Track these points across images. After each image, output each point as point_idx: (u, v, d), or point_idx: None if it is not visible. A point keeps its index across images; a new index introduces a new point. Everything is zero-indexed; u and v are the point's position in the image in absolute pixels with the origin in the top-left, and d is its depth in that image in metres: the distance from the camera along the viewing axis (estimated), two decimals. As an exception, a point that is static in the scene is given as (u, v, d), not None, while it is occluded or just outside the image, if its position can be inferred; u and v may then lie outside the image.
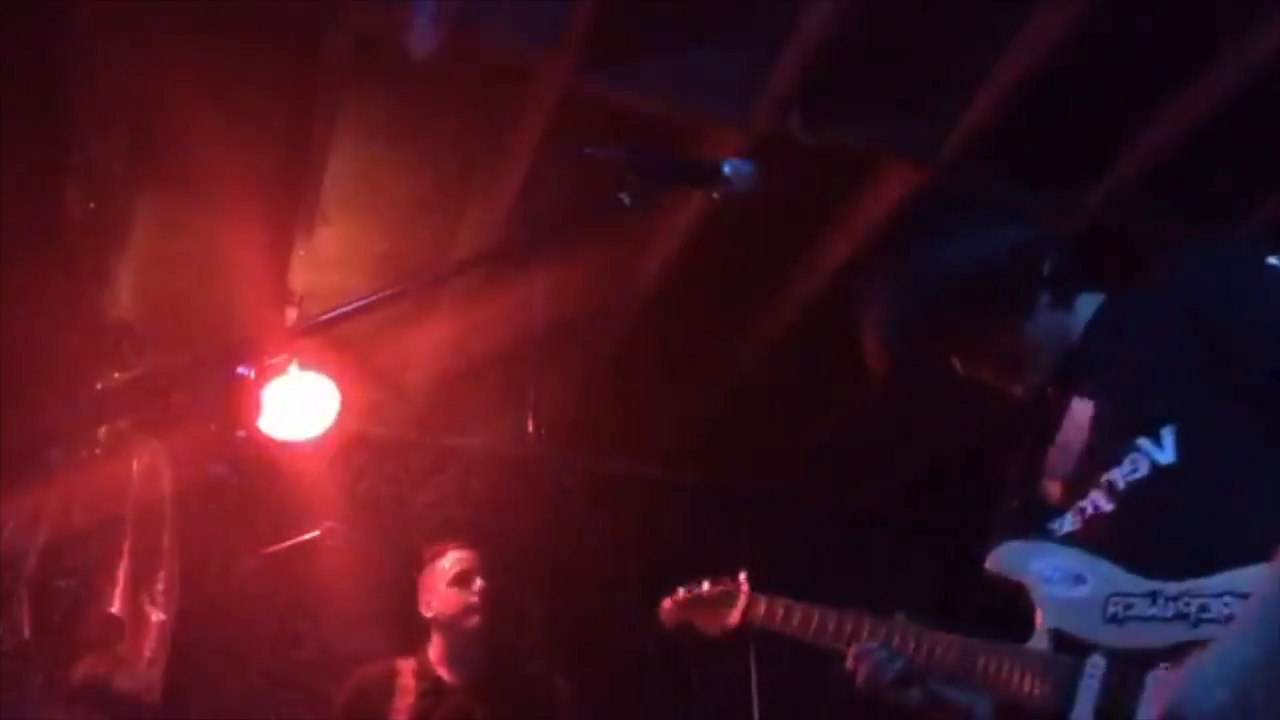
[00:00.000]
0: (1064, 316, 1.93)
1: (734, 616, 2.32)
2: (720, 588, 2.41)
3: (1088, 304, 1.94)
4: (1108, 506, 1.80)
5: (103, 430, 3.31)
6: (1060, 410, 1.91)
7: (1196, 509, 1.70)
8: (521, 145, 3.67)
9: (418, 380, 4.89)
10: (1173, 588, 1.67)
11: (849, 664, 2.01)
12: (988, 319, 1.92)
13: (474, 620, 3.47)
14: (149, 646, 3.65)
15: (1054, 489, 1.91)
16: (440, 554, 3.59)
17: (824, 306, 4.39)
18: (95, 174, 3.31)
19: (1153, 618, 1.68)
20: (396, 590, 3.84)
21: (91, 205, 3.30)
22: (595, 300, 4.45)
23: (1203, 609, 1.63)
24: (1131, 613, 1.71)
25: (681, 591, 2.52)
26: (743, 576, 2.36)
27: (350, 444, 4.72)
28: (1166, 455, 1.73)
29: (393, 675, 3.46)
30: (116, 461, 3.51)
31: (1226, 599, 1.61)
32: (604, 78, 3.45)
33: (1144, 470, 1.75)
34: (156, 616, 3.69)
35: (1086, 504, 1.83)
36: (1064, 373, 1.93)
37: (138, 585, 3.63)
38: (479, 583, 3.50)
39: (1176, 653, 1.63)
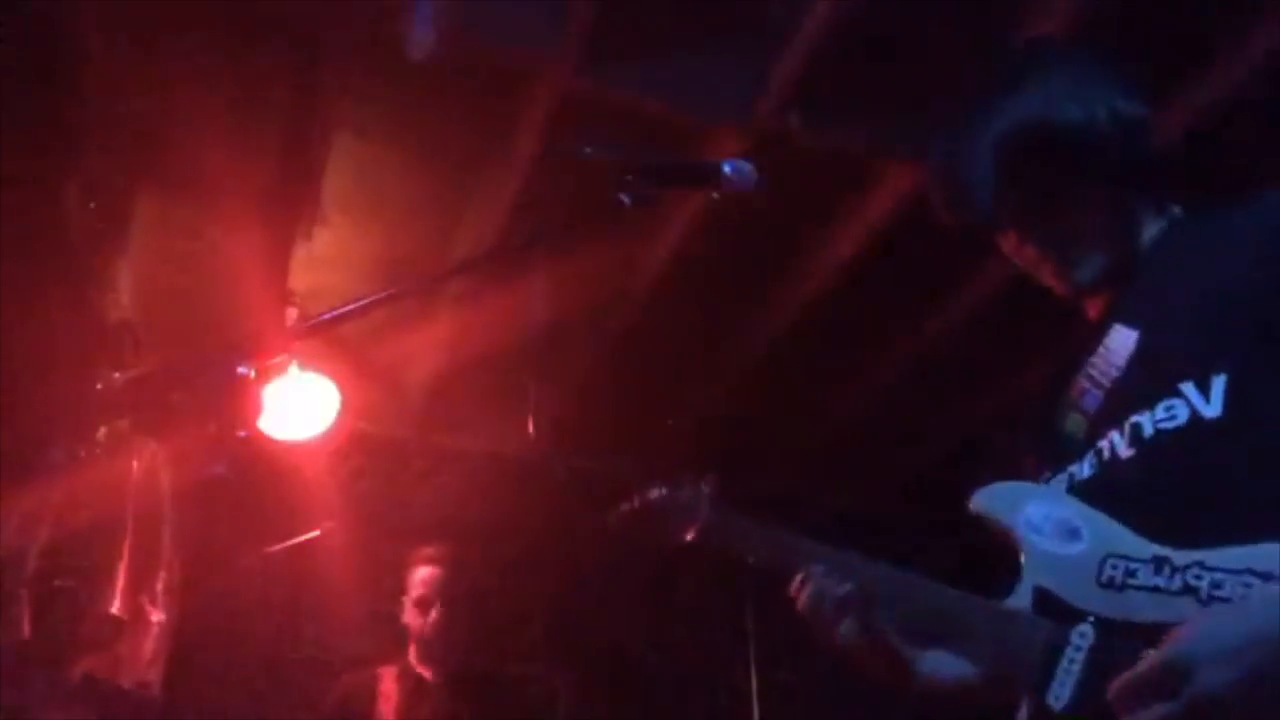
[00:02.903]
0: (1141, 215, 1.71)
1: (690, 532, 2.07)
2: (677, 496, 2.12)
3: (1167, 214, 1.72)
4: (1126, 452, 1.58)
5: (103, 430, 3.30)
6: (1099, 334, 1.69)
7: (1232, 473, 1.48)
8: (521, 146, 3.67)
9: (417, 380, 4.90)
10: (1183, 557, 1.44)
11: (793, 589, 1.80)
12: (1068, 179, 1.67)
13: (430, 642, 3.52)
14: (149, 646, 3.65)
15: (1079, 425, 1.69)
16: (414, 564, 3.62)
17: (824, 306, 4.40)
18: (96, 174, 3.31)
19: (1155, 588, 1.45)
20: (396, 590, 3.85)
21: (91, 205, 3.30)
22: (595, 300, 4.45)
23: (1215, 585, 1.41)
24: (1132, 580, 1.48)
25: (636, 499, 2.21)
26: (705, 486, 2.10)
27: (350, 444, 4.73)
28: (1212, 409, 1.51)
29: (374, 680, 3.52)
30: (116, 461, 3.51)
31: (1246, 578, 1.39)
32: (604, 78, 3.45)
33: (1181, 420, 1.53)
34: (156, 616, 3.69)
35: (1104, 444, 1.61)
36: (1114, 281, 1.70)
37: (138, 585, 3.63)
38: (434, 614, 3.52)
39: None
